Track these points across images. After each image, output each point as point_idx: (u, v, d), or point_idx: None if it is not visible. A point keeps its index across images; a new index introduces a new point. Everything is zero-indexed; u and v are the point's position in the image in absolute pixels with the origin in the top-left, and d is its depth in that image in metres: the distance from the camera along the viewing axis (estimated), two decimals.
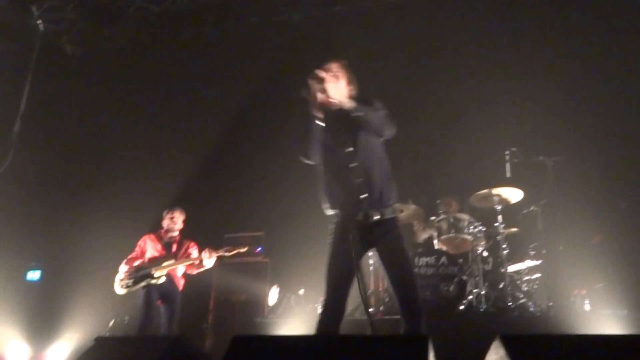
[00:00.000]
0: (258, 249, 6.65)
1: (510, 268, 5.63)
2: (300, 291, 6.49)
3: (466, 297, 5.34)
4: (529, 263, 5.65)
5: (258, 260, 6.62)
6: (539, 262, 5.57)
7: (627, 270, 5.19)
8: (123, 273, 5.67)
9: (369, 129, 3.23)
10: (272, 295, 6.46)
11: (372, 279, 5.77)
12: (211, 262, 5.65)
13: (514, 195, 5.58)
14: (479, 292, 5.31)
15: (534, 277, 5.68)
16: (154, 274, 5.53)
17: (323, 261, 3.37)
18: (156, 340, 3.02)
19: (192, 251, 5.84)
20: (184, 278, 5.83)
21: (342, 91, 3.27)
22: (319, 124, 3.21)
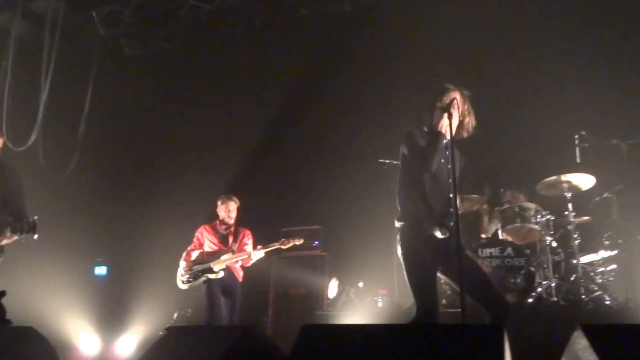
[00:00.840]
0: (316, 242, 6.61)
1: (583, 259, 5.35)
2: (360, 284, 6.43)
3: (535, 289, 5.14)
4: (604, 254, 5.35)
5: (316, 254, 6.56)
6: (614, 253, 5.27)
7: None
8: (183, 269, 5.74)
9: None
10: (332, 288, 6.42)
11: None
12: (260, 254, 5.66)
13: (584, 181, 5.30)
14: (549, 284, 5.10)
15: (609, 269, 5.37)
16: (214, 268, 5.56)
17: (381, 255, 3.31)
18: (227, 330, 3.03)
19: (247, 241, 5.85)
20: (242, 269, 5.84)
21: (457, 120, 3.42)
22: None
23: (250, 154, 7.62)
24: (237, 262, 5.74)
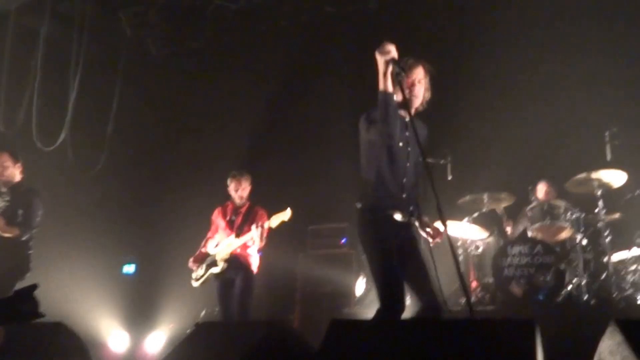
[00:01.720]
0: (343, 240, 6.60)
1: (614, 257, 5.25)
2: None
3: (565, 287, 5.07)
4: (636, 252, 5.24)
5: (343, 252, 6.55)
6: None
7: None
8: (191, 262, 5.22)
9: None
10: (359, 286, 6.39)
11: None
12: (258, 233, 4.93)
13: (616, 178, 5.20)
14: (579, 282, 5.03)
15: None
16: (217, 260, 5.08)
17: None
18: (255, 324, 3.05)
19: (259, 222, 5.06)
20: (260, 258, 5.23)
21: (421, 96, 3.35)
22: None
23: (278, 153, 7.64)
24: (249, 249, 5.13)
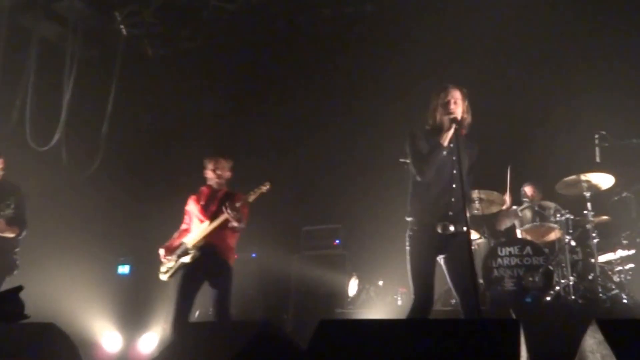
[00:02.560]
0: (336, 241, 6.66)
1: (601, 258, 5.37)
2: (380, 282, 6.47)
3: (553, 288, 5.15)
4: (622, 253, 5.35)
5: (337, 253, 6.62)
6: (632, 252, 5.28)
7: None
8: (163, 254, 4.57)
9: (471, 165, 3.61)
10: (352, 286, 6.46)
11: None
12: (232, 215, 4.31)
13: (604, 181, 5.30)
14: (567, 283, 5.12)
15: (627, 268, 5.37)
16: (188, 248, 4.45)
17: (401, 253, 3.39)
18: (245, 325, 3.08)
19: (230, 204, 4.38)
20: (232, 250, 4.59)
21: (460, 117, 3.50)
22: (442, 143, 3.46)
23: (272, 153, 7.68)
24: (227, 237, 4.50)
